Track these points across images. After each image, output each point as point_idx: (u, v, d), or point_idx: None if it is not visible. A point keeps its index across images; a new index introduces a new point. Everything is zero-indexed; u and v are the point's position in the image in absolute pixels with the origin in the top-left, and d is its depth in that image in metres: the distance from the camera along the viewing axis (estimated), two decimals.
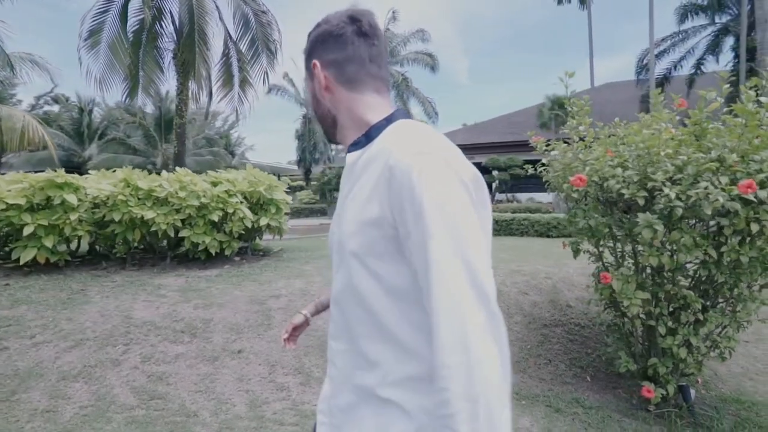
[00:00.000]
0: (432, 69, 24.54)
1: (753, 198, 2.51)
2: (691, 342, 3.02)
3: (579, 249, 3.59)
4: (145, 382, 3.26)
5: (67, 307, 4.01)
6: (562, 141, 3.67)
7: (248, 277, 4.87)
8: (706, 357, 3.19)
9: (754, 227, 2.63)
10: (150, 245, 5.44)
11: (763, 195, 2.49)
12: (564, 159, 3.50)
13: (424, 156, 0.72)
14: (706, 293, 3.15)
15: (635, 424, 3.14)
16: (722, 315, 3.05)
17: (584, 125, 3.68)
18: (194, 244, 5.08)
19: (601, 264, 3.58)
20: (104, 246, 5.41)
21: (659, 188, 2.84)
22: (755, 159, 2.71)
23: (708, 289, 3.15)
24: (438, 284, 0.67)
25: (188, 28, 9.80)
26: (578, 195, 3.37)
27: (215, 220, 5.05)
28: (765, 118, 2.72)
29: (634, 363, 3.32)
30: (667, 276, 3.18)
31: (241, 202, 5.25)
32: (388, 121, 0.86)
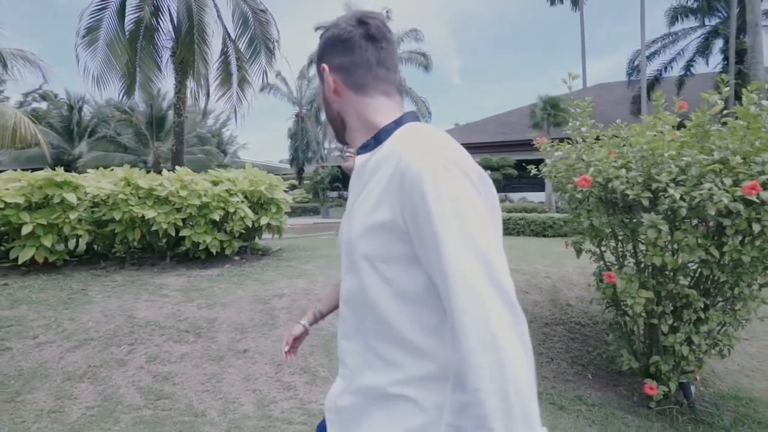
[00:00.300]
0: (425, 68, 24.61)
1: (755, 199, 2.57)
2: (693, 340, 3.08)
3: (581, 249, 3.65)
4: (152, 382, 3.24)
5: (69, 307, 3.98)
6: (566, 141, 3.72)
7: (250, 277, 4.86)
8: (707, 354, 3.25)
9: (756, 227, 2.69)
10: (149, 245, 5.40)
11: (766, 196, 2.55)
12: (568, 160, 3.55)
13: (434, 159, 0.72)
14: (707, 292, 3.21)
15: (638, 421, 3.19)
16: (723, 313, 3.11)
17: (586, 126, 3.74)
18: (195, 244, 5.06)
19: (603, 263, 3.63)
20: (103, 245, 5.36)
21: (663, 189, 2.89)
22: (756, 161, 2.78)
23: (709, 288, 3.21)
24: (458, 285, 0.68)
25: (187, 26, 9.75)
26: (582, 195, 3.42)
27: (216, 220, 5.03)
28: (766, 121, 2.78)
29: (636, 361, 3.38)
30: (668, 275, 3.24)
31: (242, 202, 5.24)
32: (397, 124, 0.87)
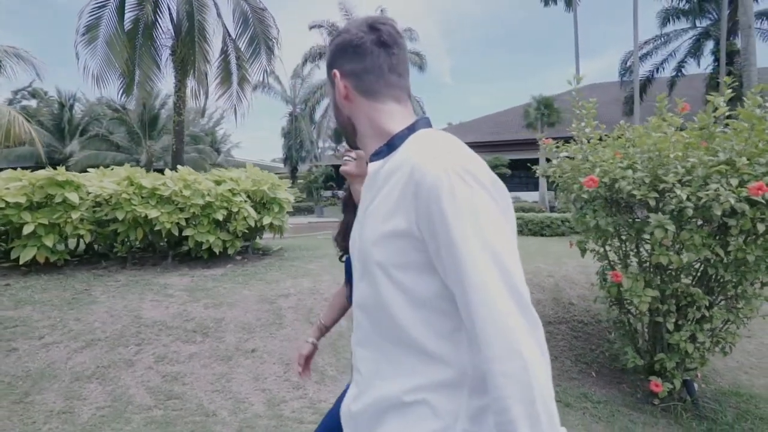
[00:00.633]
0: (420, 68, 24.63)
1: (761, 199, 2.62)
2: (698, 337, 3.14)
3: (585, 248, 3.69)
4: (161, 382, 3.24)
5: (74, 307, 3.95)
6: (572, 141, 3.76)
7: (254, 277, 4.86)
8: (711, 352, 3.31)
9: (761, 227, 2.75)
10: (151, 244, 5.37)
11: None
12: (574, 160, 3.59)
13: (449, 168, 0.72)
14: (711, 290, 3.27)
15: (643, 418, 3.25)
16: (727, 311, 3.17)
17: (590, 127, 3.78)
18: (198, 243, 5.04)
19: (607, 263, 3.68)
20: (103, 245, 5.33)
21: (670, 189, 2.94)
22: (760, 162, 2.84)
23: (713, 287, 3.27)
24: (478, 294, 0.68)
25: (187, 25, 9.69)
26: (588, 196, 3.46)
27: (219, 219, 5.02)
28: None
29: (640, 359, 3.43)
30: (672, 274, 3.29)
31: (245, 201, 5.23)
32: (410, 131, 0.86)
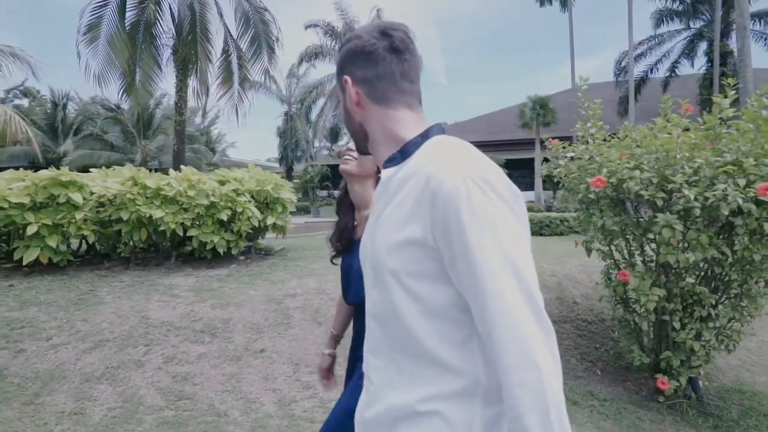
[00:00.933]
0: None
1: (767, 199, 2.67)
2: (704, 335, 3.18)
3: (591, 248, 3.73)
4: (171, 383, 3.24)
5: (80, 308, 3.94)
6: (576, 142, 3.79)
7: (259, 277, 4.86)
8: (716, 350, 3.35)
9: (767, 227, 2.80)
10: (154, 245, 5.36)
11: None
12: (581, 160, 3.62)
13: (467, 178, 0.72)
14: (716, 289, 3.32)
15: (650, 415, 3.29)
16: (733, 309, 3.22)
17: (595, 128, 3.82)
18: (202, 244, 5.03)
19: (613, 262, 3.71)
20: (106, 245, 5.30)
21: (677, 189, 2.98)
22: (766, 162, 2.89)
23: (718, 285, 3.32)
24: (495, 303, 0.68)
25: (189, 25, 9.65)
26: (595, 196, 3.50)
27: (224, 220, 5.01)
28: None
29: (646, 357, 3.47)
30: (677, 273, 3.34)
31: (249, 201, 5.22)
32: (424, 138, 0.85)
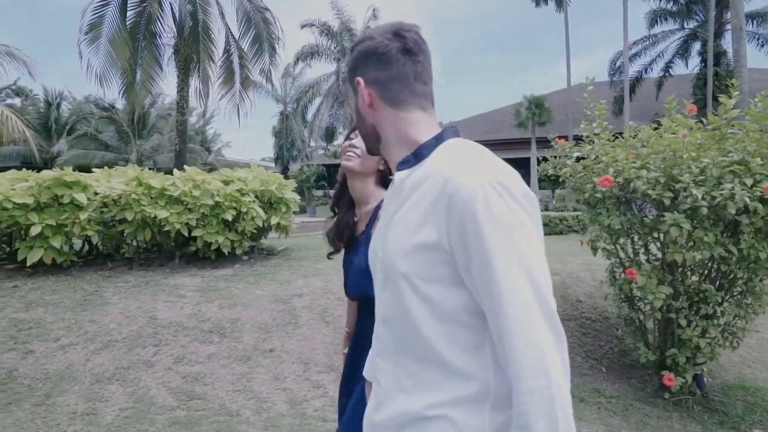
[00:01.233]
0: None
1: None
2: (710, 332, 3.23)
3: (597, 247, 3.77)
4: (181, 383, 3.24)
5: (87, 309, 3.92)
6: (588, 140, 3.82)
7: (265, 277, 4.86)
8: (722, 347, 3.40)
9: None
10: (158, 245, 5.34)
11: None
12: (587, 160, 3.66)
13: (484, 182, 0.71)
14: (721, 287, 3.37)
15: (657, 411, 3.33)
16: (737, 307, 3.27)
17: (600, 128, 3.85)
18: (206, 244, 5.03)
19: (618, 261, 3.75)
20: (110, 246, 5.28)
21: (685, 189, 3.02)
22: None
23: (723, 283, 3.36)
24: (511, 308, 0.68)
25: (191, 24, 9.62)
26: (602, 195, 3.53)
27: (228, 220, 5.01)
28: None
29: (652, 354, 3.51)
30: (683, 271, 3.38)
31: (254, 201, 5.22)
32: (438, 140, 0.85)
